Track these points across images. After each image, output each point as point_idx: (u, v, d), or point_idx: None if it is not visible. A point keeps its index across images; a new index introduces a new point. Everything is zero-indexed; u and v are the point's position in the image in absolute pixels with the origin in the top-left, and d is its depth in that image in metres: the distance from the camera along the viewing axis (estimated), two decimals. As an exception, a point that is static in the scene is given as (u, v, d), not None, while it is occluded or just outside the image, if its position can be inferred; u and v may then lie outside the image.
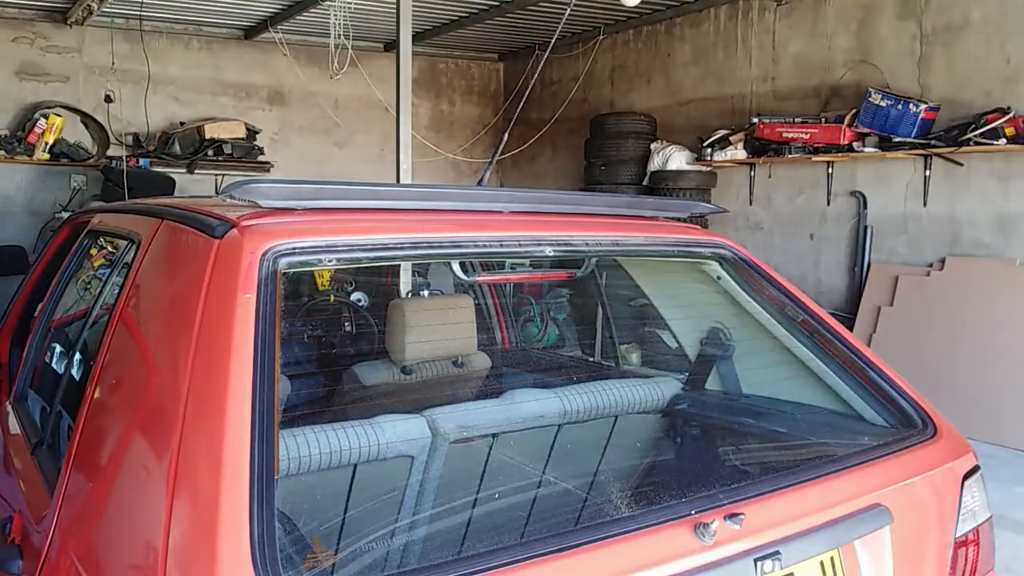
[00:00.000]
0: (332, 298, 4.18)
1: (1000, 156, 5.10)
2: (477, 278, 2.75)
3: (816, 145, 5.79)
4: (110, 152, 7.10)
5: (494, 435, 1.95)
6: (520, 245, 1.82)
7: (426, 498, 1.83)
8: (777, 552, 1.43)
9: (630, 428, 2.23)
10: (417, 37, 7.45)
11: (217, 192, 6.47)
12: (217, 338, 1.32)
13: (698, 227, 2.22)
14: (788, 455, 1.99)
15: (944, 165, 5.32)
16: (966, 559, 1.75)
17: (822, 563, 1.54)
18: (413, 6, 5.30)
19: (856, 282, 5.86)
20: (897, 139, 5.31)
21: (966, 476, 1.79)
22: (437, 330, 2.35)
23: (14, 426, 2.29)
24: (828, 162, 5.90)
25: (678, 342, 2.62)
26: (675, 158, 6.79)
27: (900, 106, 5.30)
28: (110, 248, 2.91)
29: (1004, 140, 4.92)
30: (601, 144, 7.26)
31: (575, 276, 2.63)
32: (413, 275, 3.55)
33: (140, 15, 6.92)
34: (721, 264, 2.11)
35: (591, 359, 3.38)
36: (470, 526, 1.70)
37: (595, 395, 2.12)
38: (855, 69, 5.86)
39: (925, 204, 5.43)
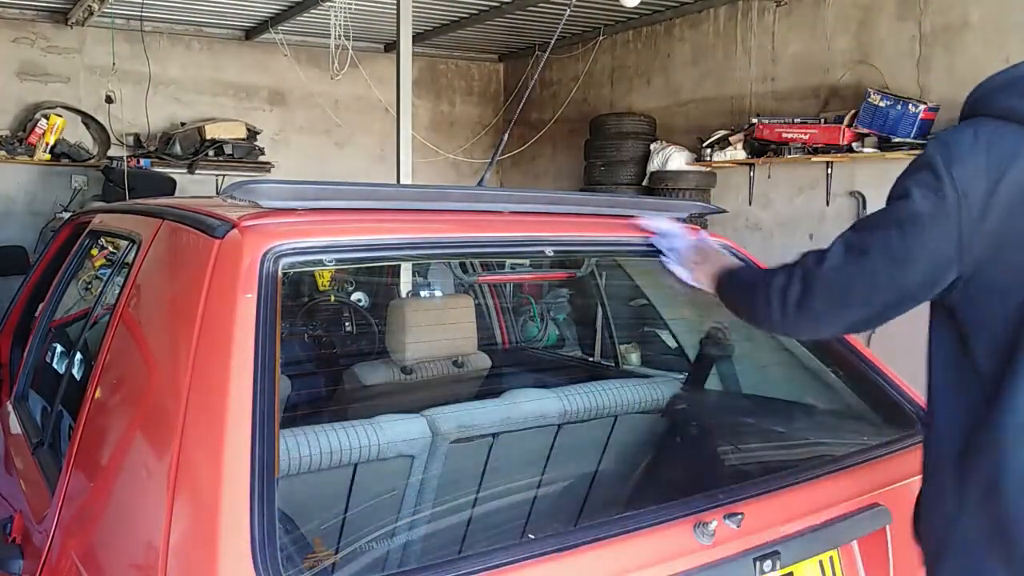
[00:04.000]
0: (332, 298, 4.18)
1: (1000, 156, 5.09)
2: (477, 278, 2.76)
3: (815, 145, 5.79)
4: (111, 152, 7.10)
5: (494, 435, 1.95)
6: (520, 245, 1.83)
7: (426, 498, 1.84)
8: (776, 552, 1.44)
9: (630, 428, 2.23)
10: (417, 38, 7.45)
11: (218, 192, 6.49)
12: (218, 338, 1.33)
13: (698, 227, 2.22)
14: (788, 455, 2.00)
15: (944, 165, 5.31)
16: (965, 559, 1.75)
17: (821, 563, 1.54)
18: (413, 7, 5.30)
19: (856, 282, 5.85)
20: (896, 139, 5.30)
21: (965, 476, 1.79)
22: (437, 330, 2.35)
23: (15, 426, 2.29)
24: (827, 162, 5.90)
25: (678, 342, 2.62)
26: (675, 158, 6.78)
27: (899, 107, 5.30)
28: (111, 248, 2.91)
29: (1004, 140, 4.92)
30: (601, 144, 7.25)
31: (575, 276, 2.63)
32: (413, 275, 3.55)
33: (141, 16, 6.92)
34: (721, 264, 2.11)
35: (591, 359, 3.39)
36: (470, 526, 1.70)
37: (595, 395, 2.13)
38: (854, 70, 5.87)
39: (925, 204, 5.42)
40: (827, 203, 6.03)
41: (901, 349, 2.03)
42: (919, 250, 1.17)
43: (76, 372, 2.10)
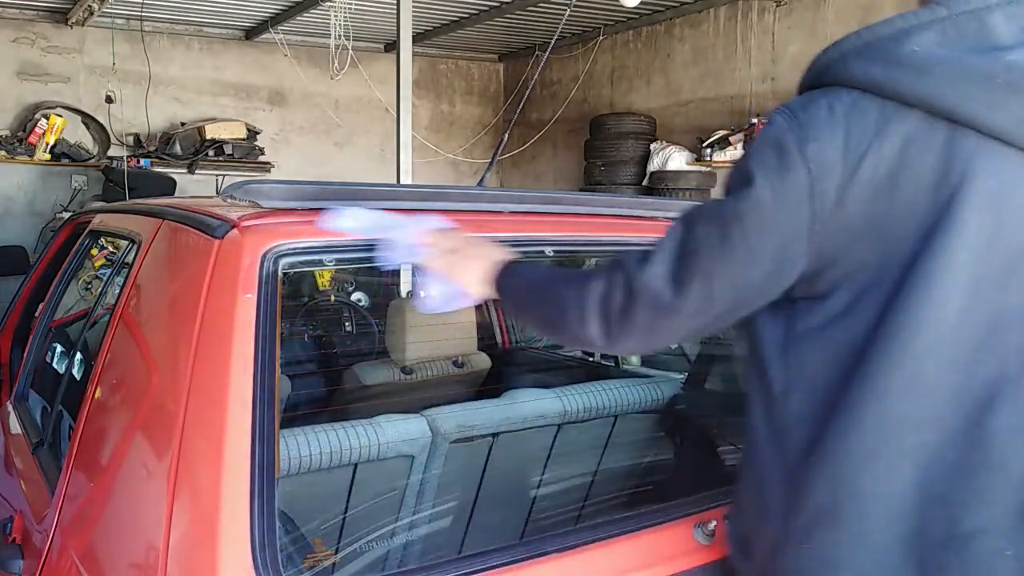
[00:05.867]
0: (332, 298, 4.18)
1: (1000, 156, 5.10)
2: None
3: (816, 145, 5.79)
4: (111, 152, 7.10)
5: (494, 435, 1.95)
6: (520, 245, 1.82)
7: (426, 498, 1.84)
8: (776, 551, 1.44)
9: (630, 428, 2.23)
10: (417, 38, 7.45)
11: (218, 192, 6.48)
12: (218, 338, 1.33)
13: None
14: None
15: (944, 165, 5.31)
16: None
17: (821, 563, 1.54)
18: (413, 7, 5.30)
19: (856, 282, 5.85)
20: (897, 139, 5.31)
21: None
22: (437, 330, 2.35)
23: (15, 426, 2.29)
24: (828, 162, 5.90)
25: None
26: (675, 158, 6.79)
27: (900, 106, 5.31)
28: (111, 248, 2.91)
29: (1004, 140, 4.92)
30: (601, 144, 7.26)
31: (575, 276, 2.62)
32: (413, 275, 3.55)
33: (141, 16, 6.93)
34: (721, 264, 2.11)
35: (591, 359, 3.38)
36: (470, 526, 1.70)
37: (595, 395, 2.13)
38: (855, 69, 5.87)
39: (925, 204, 5.42)
40: (827, 203, 6.03)
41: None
42: (761, 247, 0.98)
43: (76, 372, 2.10)
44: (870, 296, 0.96)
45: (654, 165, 6.92)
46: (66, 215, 6.30)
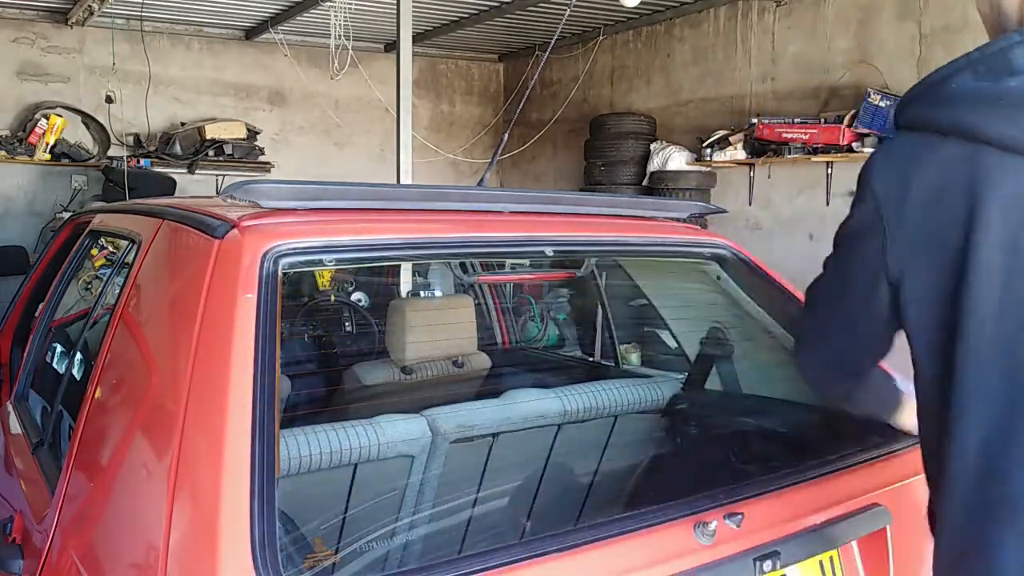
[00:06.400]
0: (332, 298, 4.18)
1: (1000, 156, 5.09)
2: (477, 278, 2.76)
3: (815, 145, 5.79)
4: (111, 152, 7.10)
5: (494, 435, 1.95)
6: (520, 245, 1.83)
7: (426, 498, 1.84)
8: (776, 552, 1.44)
9: (630, 428, 2.23)
10: (417, 37, 7.45)
11: (218, 192, 6.48)
12: (218, 338, 1.33)
13: (698, 227, 2.22)
14: (788, 455, 2.00)
15: (944, 165, 5.31)
16: (965, 559, 1.75)
17: (821, 563, 1.54)
18: (413, 7, 5.30)
19: (856, 282, 5.84)
20: (897, 139, 5.31)
21: (965, 476, 1.79)
22: (437, 330, 2.36)
23: (15, 426, 2.29)
24: (828, 162, 5.90)
25: (678, 342, 2.62)
26: (675, 158, 6.78)
27: (900, 106, 5.30)
28: (111, 248, 2.91)
29: (1004, 140, 4.92)
30: (601, 144, 7.25)
31: (575, 276, 2.63)
32: (413, 275, 3.55)
33: (141, 16, 6.93)
34: (721, 264, 2.12)
35: (591, 359, 3.39)
36: (470, 526, 1.70)
37: (595, 395, 2.13)
38: (854, 70, 5.87)
39: (925, 204, 5.42)
40: (827, 203, 6.03)
41: (897, 347, 2.01)
42: (855, 252, 1.25)
43: (76, 372, 2.10)
44: (940, 291, 1.15)
45: (654, 165, 6.92)
46: (66, 215, 6.29)
